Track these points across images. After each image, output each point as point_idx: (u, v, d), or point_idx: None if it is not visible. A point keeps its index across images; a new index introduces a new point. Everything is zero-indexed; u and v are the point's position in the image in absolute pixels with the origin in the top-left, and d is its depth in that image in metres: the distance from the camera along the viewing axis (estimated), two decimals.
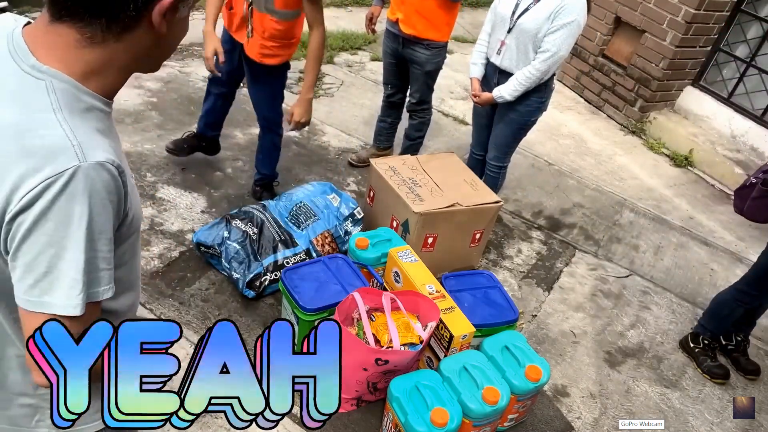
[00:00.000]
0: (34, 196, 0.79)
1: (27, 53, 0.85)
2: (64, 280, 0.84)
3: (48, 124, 0.82)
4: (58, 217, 0.81)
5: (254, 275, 2.53)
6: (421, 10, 3.11)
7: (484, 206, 2.84)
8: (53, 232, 0.82)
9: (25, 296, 0.84)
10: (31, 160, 0.80)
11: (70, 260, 0.84)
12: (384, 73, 3.56)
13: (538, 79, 2.79)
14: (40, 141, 0.81)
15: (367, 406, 2.25)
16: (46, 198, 0.80)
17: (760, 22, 4.57)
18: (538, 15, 2.70)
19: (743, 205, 2.54)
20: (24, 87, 0.84)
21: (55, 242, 0.82)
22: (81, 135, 0.83)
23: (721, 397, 2.69)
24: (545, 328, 2.86)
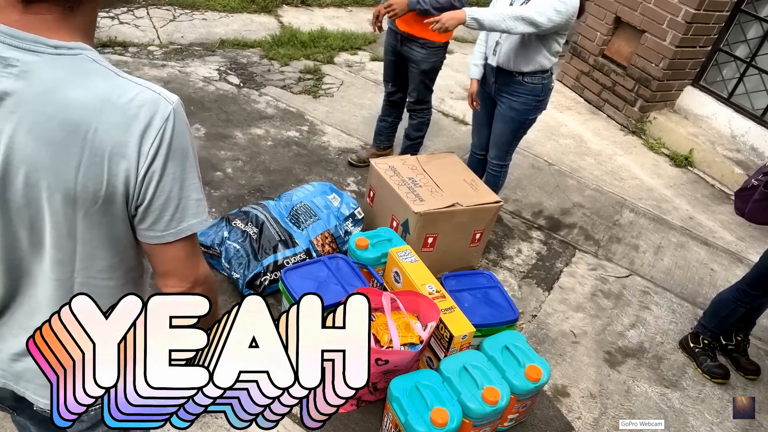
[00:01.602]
0: (157, 146, 0.89)
1: (38, 39, 0.85)
2: (191, 203, 0.97)
3: (125, 87, 0.89)
4: (176, 156, 0.93)
5: (254, 275, 2.53)
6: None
7: (484, 206, 2.84)
8: (176, 168, 0.93)
9: (167, 232, 0.96)
10: (140, 121, 0.88)
11: (191, 186, 0.97)
12: (384, 71, 3.57)
13: (504, 20, 2.55)
14: (135, 102, 0.88)
15: (367, 406, 2.25)
16: (165, 143, 0.90)
17: (760, 22, 4.57)
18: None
19: (745, 207, 2.53)
20: (71, 67, 0.87)
21: (179, 177, 0.94)
22: (149, 84, 0.92)
23: (721, 397, 2.69)
24: (545, 328, 2.86)
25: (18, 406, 1.12)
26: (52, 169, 0.87)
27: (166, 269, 1.01)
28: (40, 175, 0.88)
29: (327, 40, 5.37)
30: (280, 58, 4.91)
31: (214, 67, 4.60)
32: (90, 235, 0.94)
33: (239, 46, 5.03)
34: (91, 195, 0.89)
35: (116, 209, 0.93)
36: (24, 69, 0.84)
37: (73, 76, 0.86)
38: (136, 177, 0.90)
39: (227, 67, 4.65)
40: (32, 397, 1.07)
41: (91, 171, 0.88)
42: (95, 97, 0.86)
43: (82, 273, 0.98)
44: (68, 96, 0.85)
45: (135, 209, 0.94)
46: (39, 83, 0.85)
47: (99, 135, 0.86)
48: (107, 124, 0.86)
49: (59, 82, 0.85)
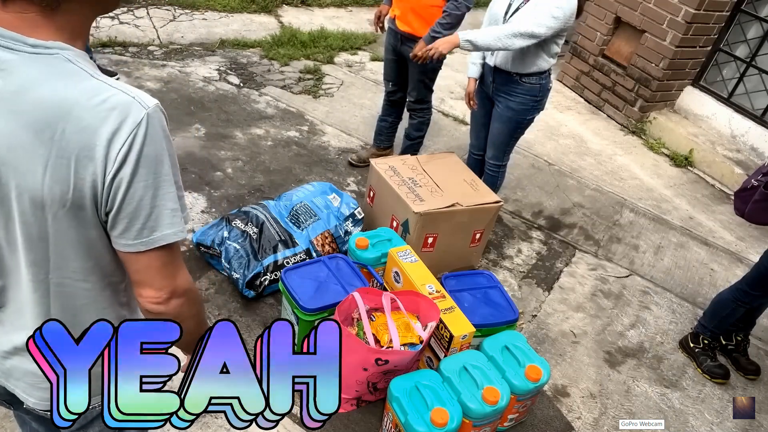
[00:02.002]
0: (125, 151, 0.87)
1: (18, 37, 0.84)
2: (165, 213, 0.94)
3: (98, 89, 0.87)
4: (148, 163, 0.89)
5: (254, 275, 2.53)
6: (417, 8, 3.13)
7: (484, 206, 2.84)
8: (147, 176, 0.90)
9: (137, 241, 0.93)
10: (109, 124, 0.86)
11: (165, 195, 0.93)
12: (384, 70, 3.58)
13: (500, 39, 2.60)
14: (106, 105, 0.86)
15: (367, 406, 2.25)
16: (135, 149, 0.87)
17: (760, 22, 4.57)
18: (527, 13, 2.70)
19: (744, 208, 2.53)
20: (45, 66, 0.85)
21: (151, 184, 0.91)
22: (125, 87, 0.90)
23: (721, 397, 2.69)
24: (545, 328, 2.86)
25: (13, 401, 1.13)
26: (21, 169, 0.86)
27: (141, 279, 0.98)
28: (9, 173, 0.87)
29: (327, 40, 5.37)
30: (280, 58, 4.91)
31: (214, 67, 4.60)
32: (61, 238, 0.93)
33: (239, 46, 5.03)
34: (58, 198, 0.88)
35: (86, 213, 0.91)
36: (2, 67, 0.84)
37: (46, 75, 0.85)
38: (103, 182, 0.88)
39: (227, 67, 4.65)
40: (21, 396, 1.08)
41: (57, 173, 0.86)
42: (66, 98, 0.85)
43: (57, 274, 0.97)
44: (39, 96, 0.84)
45: (105, 215, 0.92)
46: (13, 81, 0.84)
47: (66, 137, 0.84)
48: (75, 126, 0.84)
49: (32, 82, 0.84)
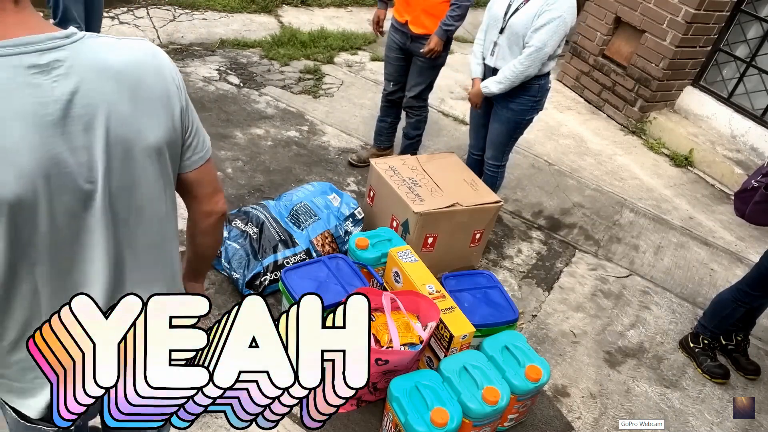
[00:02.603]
0: (179, 79, 1.03)
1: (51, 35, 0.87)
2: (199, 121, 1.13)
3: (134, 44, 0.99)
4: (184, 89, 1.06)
5: (254, 275, 2.53)
6: (428, 9, 3.17)
7: (484, 206, 2.84)
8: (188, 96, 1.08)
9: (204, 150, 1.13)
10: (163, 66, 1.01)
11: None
12: (386, 68, 3.56)
13: (521, 73, 2.76)
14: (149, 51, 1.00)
15: (367, 406, 2.25)
16: (180, 77, 1.04)
17: (760, 22, 4.57)
18: (527, 14, 2.71)
19: (745, 209, 2.53)
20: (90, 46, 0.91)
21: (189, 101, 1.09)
22: (137, 38, 1.02)
23: (721, 397, 2.69)
24: (545, 328, 2.86)
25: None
26: (140, 132, 0.96)
27: (214, 187, 1.17)
28: (132, 142, 0.95)
29: (327, 40, 5.37)
30: (280, 58, 4.91)
31: (214, 67, 4.60)
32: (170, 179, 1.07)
33: (239, 46, 5.03)
34: (169, 140, 1.01)
35: (177, 148, 1.05)
36: (68, 65, 0.88)
37: (101, 52, 0.92)
38: (182, 109, 1.03)
39: (227, 67, 4.64)
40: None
41: (162, 120, 0.99)
42: (130, 60, 0.95)
43: (158, 227, 1.08)
44: (114, 67, 0.92)
45: (186, 139, 1.07)
46: (88, 70, 0.89)
47: (151, 86, 0.97)
48: (151, 74, 0.97)
49: (101, 61, 0.91)
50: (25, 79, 0.84)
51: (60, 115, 0.87)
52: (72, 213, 0.93)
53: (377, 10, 3.56)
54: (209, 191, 1.16)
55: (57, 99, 0.86)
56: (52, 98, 0.86)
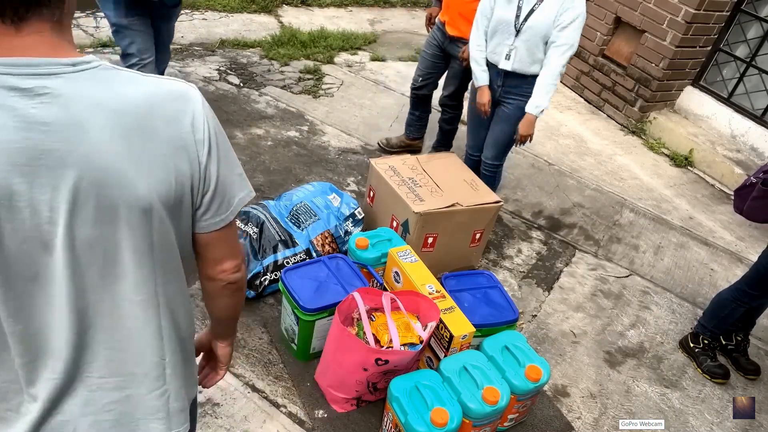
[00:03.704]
0: (206, 131, 0.92)
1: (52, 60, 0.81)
2: (236, 178, 1.01)
3: (160, 83, 0.90)
4: (219, 136, 0.96)
5: (254, 275, 2.53)
6: (465, 13, 3.25)
7: (484, 206, 2.84)
8: (223, 150, 0.96)
9: (227, 213, 1.00)
10: (187, 112, 0.90)
11: (234, 161, 1.00)
12: (420, 63, 3.71)
13: (560, 74, 2.83)
14: (174, 96, 0.90)
15: (367, 406, 2.25)
16: (211, 127, 0.93)
17: (760, 22, 4.57)
18: (547, 14, 2.72)
19: (743, 205, 2.54)
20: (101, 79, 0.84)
21: (224, 157, 0.97)
22: (169, 78, 0.93)
23: (721, 397, 2.69)
24: (545, 328, 2.86)
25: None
26: (125, 182, 0.85)
27: (223, 252, 1.05)
28: (113, 192, 0.84)
29: (327, 40, 5.37)
30: (280, 58, 4.91)
31: (214, 67, 4.60)
32: (163, 241, 0.93)
33: (239, 46, 5.03)
34: (164, 198, 0.89)
35: (183, 207, 0.94)
36: (56, 94, 0.80)
37: (109, 85, 0.84)
38: (198, 167, 0.92)
39: (227, 67, 4.64)
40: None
41: (160, 173, 0.87)
42: (139, 100, 0.86)
43: (162, 282, 0.96)
44: (114, 105, 0.84)
45: (200, 200, 0.96)
46: (79, 103, 0.81)
47: (158, 133, 0.86)
48: (162, 120, 0.87)
49: (98, 96, 0.83)
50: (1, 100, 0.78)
51: (28, 145, 0.79)
52: (29, 250, 0.85)
53: (432, 7, 3.75)
54: (218, 257, 1.05)
55: (29, 126, 0.79)
56: (24, 124, 0.78)
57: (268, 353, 2.39)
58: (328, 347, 2.18)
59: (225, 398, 2.19)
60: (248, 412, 2.16)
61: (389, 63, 5.34)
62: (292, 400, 2.24)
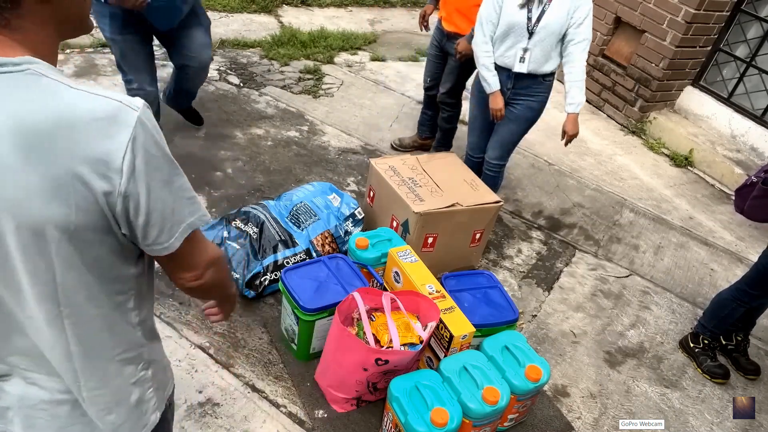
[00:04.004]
0: (131, 158, 0.84)
1: None
2: (185, 203, 0.94)
3: (84, 99, 0.82)
4: (156, 162, 0.88)
5: (254, 275, 2.53)
6: (462, 9, 3.30)
7: (484, 206, 2.84)
8: (160, 176, 0.89)
9: (171, 240, 0.94)
10: (105, 134, 0.82)
11: (180, 186, 0.93)
12: (426, 65, 3.79)
13: (585, 68, 2.87)
14: (98, 114, 0.82)
15: (367, 406, 2.25)
16: (140, 154, 0.85)
17: (760, 22, 4.57)
18: (559, 12, 2.73)
19: (743, 205, 2.54)
20: (19, 85, 0.80)
21: (166, 183, 0.90)
22: (107, 93, 0.85)
23: (721, 397, 2.69)
24: (545, 328, 2.86)
25: None
26: (13, 199, 0.80)
27: (176, 267, 1.01)
28: (2, 207, 0.81)
29: (327, 40, 5.37)
30: (280, 58, 4.91)
31: (214, 67, 4.59)
32: (67, 264, 0.88)
33: (239, 46, 5.03)
34: (61, 222, 0.83)
35: (94, 233, 0.87)
36: None
37: (22, 93, 0.79)
38: (119, 195, 0.85)
39: (227, 67, 4.64)
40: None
41: (56, 196, 0.81)
42: (51, 114, 0.79)
43: (66, 304, 0.92)
44: (21, 116, 0.78)
45: (130, 227, 0.90)
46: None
47: (59, 155, 0.79)
48: (68, 142, 0.79)
49: (7, 102, 0.78)
50: None
51: None
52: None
53: (426, 5, 3.80)
54: (172, 271, 1.02)
55: None
56: None
57: (268, 353, 2.39)
58: (328, 347, 2.18)
59: (225, 398, 2.19)
60: (248, 412, 2.16)
61: (389, 63, 5.35)
62: (292, 400, 2.24)
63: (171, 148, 0.93)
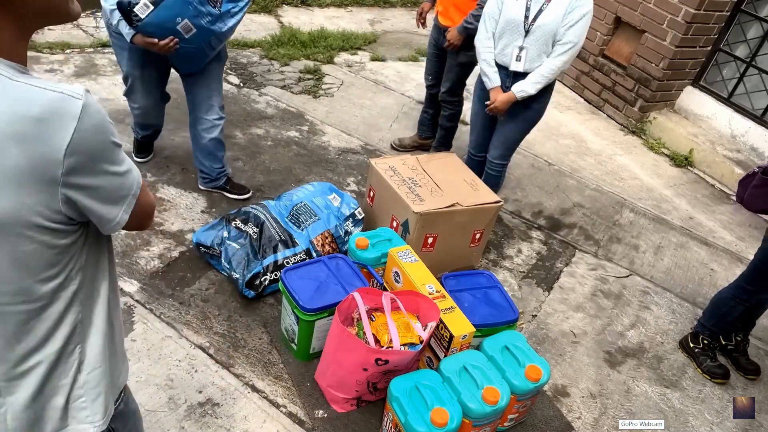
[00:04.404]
0: (74, 149, 0.83)
1: None
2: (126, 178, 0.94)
3: (21, 91, 0.81)
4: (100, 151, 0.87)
5: (254, 275, 2.53)
6: (458, 4, 3.31)
7: (484, 206, 2.84)
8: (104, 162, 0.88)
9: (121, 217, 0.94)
10: (46, 126, 0.80)
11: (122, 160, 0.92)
12: (426, 64, 3.81)
13: (560, 70, 2.83)
14: (37, 106, 0.80)
15: (367, 406, 2.25)
16: (84, 145, 0.84)
17: (760, 22, 4.57)
18: (556, 12, 2.72)
19: (744, 194, 2.55)
20: None
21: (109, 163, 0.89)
22: (48, 84, 0.83)
23: (721, 397, 2.69)
24: (545, 328, 2.86)
25: None
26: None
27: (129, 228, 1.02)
28: None
29: (327, 40, 5.37)
30: (280, 58, 4.91)
31: None
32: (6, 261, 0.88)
33: (239, 46, 5.03)
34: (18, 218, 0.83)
35: (27, 228, 0.86)
36: None
37: None
38: (60, 186, 0.84)
39: (227, 67, 4.64)
40: None
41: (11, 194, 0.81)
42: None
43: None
44: None
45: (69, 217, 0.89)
46: None
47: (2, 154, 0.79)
48: (8, 139, 0.79)
49: None
50: None
51: None
52: None
53: (424, 2, 3.81)
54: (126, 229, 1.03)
55: None
56: None
57: (268, 353, 2.39)
58: (328, 347, 2.18)
59: (225, 398, 2.19)
60: (248, 412, 2.16)
61: (389, 63, 5.35)
62: (292, 400, 2.24)
63: (171, 148, 0.93)
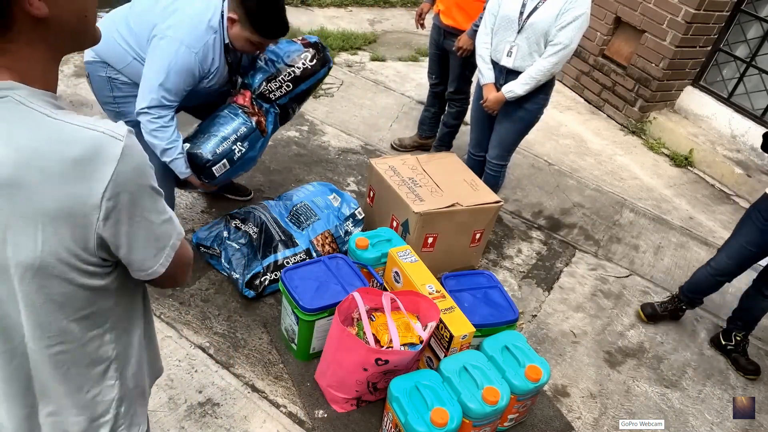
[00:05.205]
0: (113, 192, 0.80)
1: None
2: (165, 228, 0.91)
3: (62, 131, 0.77)
4: (139, 194, 0.84)
5: (254, 275, 2.53)
6: (461, 3, 3.30)
7: (484, 206, 2.84)
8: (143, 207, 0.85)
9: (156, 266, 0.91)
10: (84, 168, 0.77)
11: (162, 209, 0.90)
12: (429, 64, 3.81)
13: (550, 72, 2.80)
14: (76, 147, 0.77)
15: (367, 406, 2.25)
16: (123, 188, 0.80)
17: (760, 22, 4.57)
18: (549, 12, 2.72)
19: None
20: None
21: (149, 211, 0.86)
22: (89, 122, 0.80)
23: (721, 397, 2.69)
24: (545, 328, 2.86)
25: None
26: (11, 244, 0.78)
27: (164, 284, 1.00)
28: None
29: (327, 40, 5.37)
30: None
31: None
32: (31, 300, 0.84)
33: None
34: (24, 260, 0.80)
35: (63, 269, 0.83)
36: None
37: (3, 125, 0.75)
38: (96, 230, 0.81)
39: None
40: None
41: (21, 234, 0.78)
42: (21, 149, 0.75)
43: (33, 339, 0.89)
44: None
45: (105, 260, 0.87)
46: None
47: (30, 192, 0.75)
48: (40, 177, 0.75)
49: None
50: None
51: None
52: None
53: (423, 3, 3.79)
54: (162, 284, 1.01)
55: None
56: None
57: (268, 353, 2.39)
58: (328, 347, 2.18)
59: (225, 398, 2.19)
60: (248, 412, 2.16)
61: (389, 63, 5.35)
62: (292, 400, 2.24)
63: None
